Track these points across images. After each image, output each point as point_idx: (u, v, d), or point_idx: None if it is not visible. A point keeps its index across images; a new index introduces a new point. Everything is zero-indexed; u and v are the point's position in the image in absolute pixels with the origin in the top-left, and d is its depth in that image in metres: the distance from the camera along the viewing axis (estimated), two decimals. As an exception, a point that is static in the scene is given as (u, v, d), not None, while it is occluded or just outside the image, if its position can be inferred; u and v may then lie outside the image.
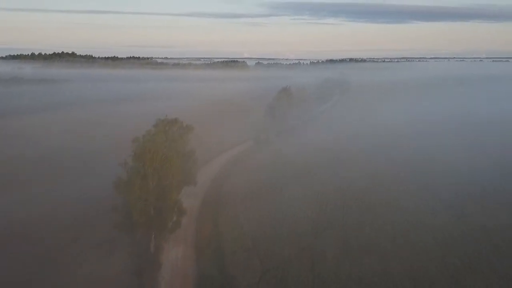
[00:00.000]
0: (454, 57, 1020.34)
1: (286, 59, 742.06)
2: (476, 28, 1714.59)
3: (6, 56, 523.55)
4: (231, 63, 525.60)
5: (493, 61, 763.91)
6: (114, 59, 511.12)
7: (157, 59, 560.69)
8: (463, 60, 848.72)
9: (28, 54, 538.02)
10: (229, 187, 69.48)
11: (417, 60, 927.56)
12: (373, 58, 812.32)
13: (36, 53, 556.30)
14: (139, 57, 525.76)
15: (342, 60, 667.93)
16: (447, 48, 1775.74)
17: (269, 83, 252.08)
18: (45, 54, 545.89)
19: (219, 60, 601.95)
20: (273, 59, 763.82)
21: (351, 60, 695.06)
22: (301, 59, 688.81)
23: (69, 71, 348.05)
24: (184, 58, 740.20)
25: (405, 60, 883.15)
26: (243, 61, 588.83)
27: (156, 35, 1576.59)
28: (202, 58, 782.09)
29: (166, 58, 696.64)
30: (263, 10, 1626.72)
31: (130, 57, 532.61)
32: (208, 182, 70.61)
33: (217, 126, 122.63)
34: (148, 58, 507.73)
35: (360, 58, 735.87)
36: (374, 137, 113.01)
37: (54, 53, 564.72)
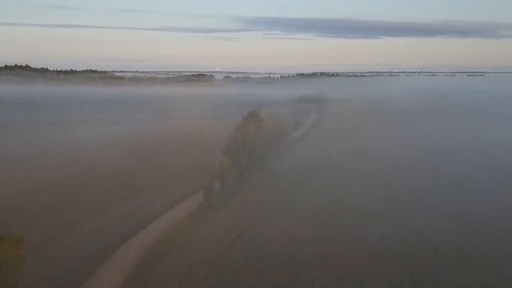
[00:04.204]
0: (422, 72, 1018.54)
1: (256, 73, 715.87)
2: (443, 44, 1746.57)
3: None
4: (198, 77, 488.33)
5: (468, 75, 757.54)
6: (67, 72, 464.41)
7: (115, 73, 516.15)
8: (434, 75, 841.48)
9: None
10: None
11: (388, 74, 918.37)
12: (344, 72, 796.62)
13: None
14: (95, 70, 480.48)
15: (313, 74, 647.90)
16: (414, 62, 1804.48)
17: (235, 102, 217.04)
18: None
19: (188, 73, 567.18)
20: (243, 73, 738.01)
21: (322, 74, 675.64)
22: (271, 73, 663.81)
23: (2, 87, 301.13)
24: (152, 72, 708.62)
25: (375, 74, 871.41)
26: (211, 75, 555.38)
27: (129, 49, 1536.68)
28: (170, 72, 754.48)
29: (136, 71, 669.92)
30: (237, 25, 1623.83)
31: (85, 70, 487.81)
32: None
33: (152, 174, 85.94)
34: (104, 72, 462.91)
35: (331, 72, 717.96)
36: (371, 186, 79.39)
37: (6, 65, 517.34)
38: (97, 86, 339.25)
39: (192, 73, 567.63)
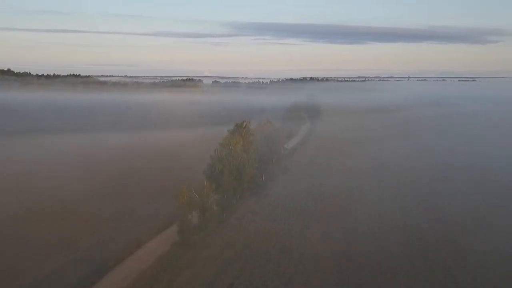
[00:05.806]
0: (411, 77, 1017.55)
1: (245, 78, 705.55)
2: (430, 49, 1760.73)
3: None
4: (185, 82, 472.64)
5: (459, 80, 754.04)
6: (49, 77, 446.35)
7: (101, 77, 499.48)
8: (424, 80, 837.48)
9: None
10: None
11: (377, 79, 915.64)
12: (334, 77, 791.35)
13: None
14: (78, 75, 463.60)
15: (302, 79, 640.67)
16: (403, 67, 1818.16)
17: (221, 112, 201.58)
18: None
19: (176, 78, 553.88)
20: (232, 77, 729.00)
21: (311, 79, 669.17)
22: (260, 78, 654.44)
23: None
24: (140, 77, 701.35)
25: (365, 79, 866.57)
26: (199, 80, 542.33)
27: (119, 53, 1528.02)
28: (158, 76, 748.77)
29: (125, 76, 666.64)
30: (228, 30, 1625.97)
31: (68, 74, 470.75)
32: None
33: (114, 200, 70.47)
34: (87, 76, 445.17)
35: (320, 77, 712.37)
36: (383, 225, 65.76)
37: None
38: (75, 91, 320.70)
39: (179, 78, 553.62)
